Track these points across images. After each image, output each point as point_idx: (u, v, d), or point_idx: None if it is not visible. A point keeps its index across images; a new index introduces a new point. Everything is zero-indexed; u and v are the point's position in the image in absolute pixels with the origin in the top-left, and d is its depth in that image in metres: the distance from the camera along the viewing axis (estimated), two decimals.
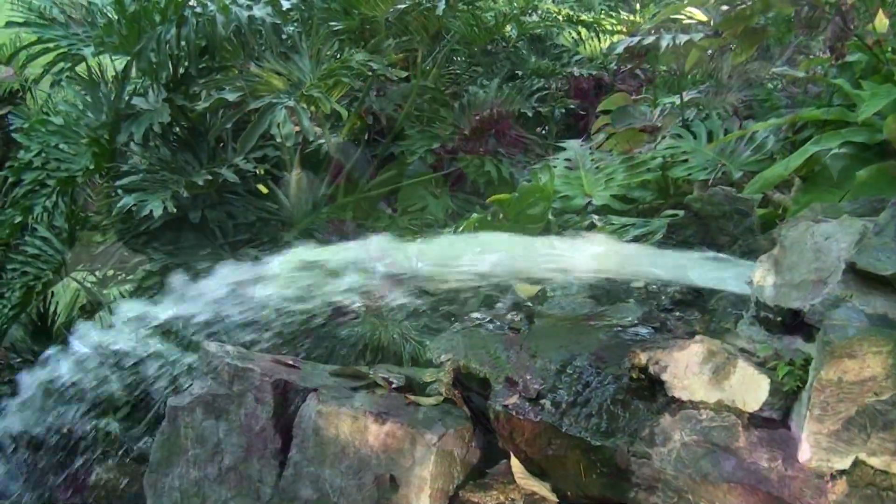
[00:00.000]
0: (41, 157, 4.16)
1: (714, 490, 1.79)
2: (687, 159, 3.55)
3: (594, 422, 1.95)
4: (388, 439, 1.98)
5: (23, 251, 4.36)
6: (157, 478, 2.41)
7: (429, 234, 3.65)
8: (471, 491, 2.05)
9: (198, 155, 3.96)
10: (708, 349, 1.88)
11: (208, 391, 2.26)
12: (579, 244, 2.54)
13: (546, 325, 2.36)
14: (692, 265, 2.26)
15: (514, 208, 2.96)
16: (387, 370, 2.37)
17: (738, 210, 2.51)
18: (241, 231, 4.04)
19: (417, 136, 4.78)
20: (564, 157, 3.70)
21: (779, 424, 1.84)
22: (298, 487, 2.11)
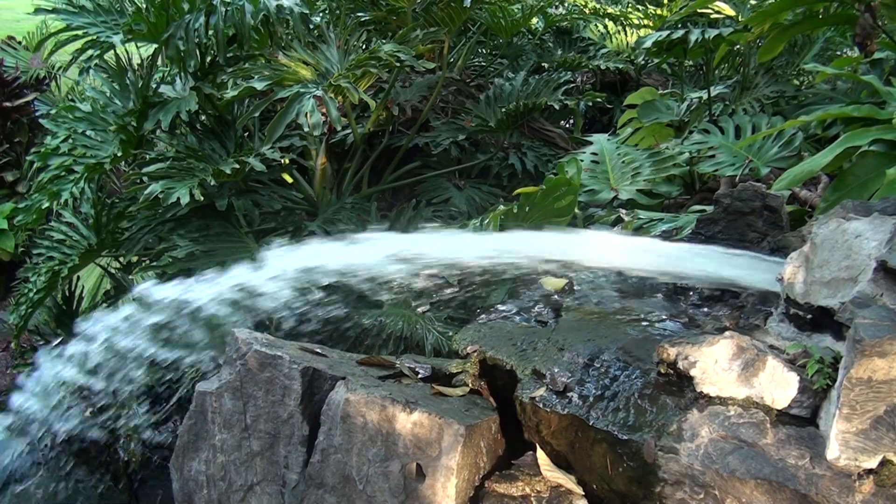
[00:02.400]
0: (68, 144, 4.20)
1: (741, 486, 1.78)
2: (714, 155, 3.54)
3: (621, 416, 1.95)
4: (415, 428, 1.99)
5: (49, 236, 4.41)
6: (183, 461, 2.43)
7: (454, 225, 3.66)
8: (496, 482, 2.06)
9: (225, 143, 3.98)
10: (737, 345, 1.88)
11: (236, 377, 2.28)
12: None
13: (573, 319, 2.36)
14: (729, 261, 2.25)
15: (540, 201, 2.96)
16: (413, 360, 2.38)
17: (768, 206, 2.49)
18: (266, 220, 4.06)
19: (442, 127, 4.80)
20: (591, 150, 3.69)
21: (807, 422, 1.83)
22: (325, 474, 2.12)
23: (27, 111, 6.36)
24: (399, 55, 3.67)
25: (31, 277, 4.34)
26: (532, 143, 4.80)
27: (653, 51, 4.22)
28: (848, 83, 4.04)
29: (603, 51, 5.44)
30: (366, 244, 2.66)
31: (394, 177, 4.72)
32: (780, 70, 4.64)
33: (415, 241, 2.72)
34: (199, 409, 2.36)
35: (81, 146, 4.13)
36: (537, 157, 4.68)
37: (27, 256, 5.31)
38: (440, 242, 2.72)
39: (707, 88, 4.12)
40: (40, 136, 6.08)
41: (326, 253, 2.65)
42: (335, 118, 3.56)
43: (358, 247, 2.62)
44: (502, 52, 5.58)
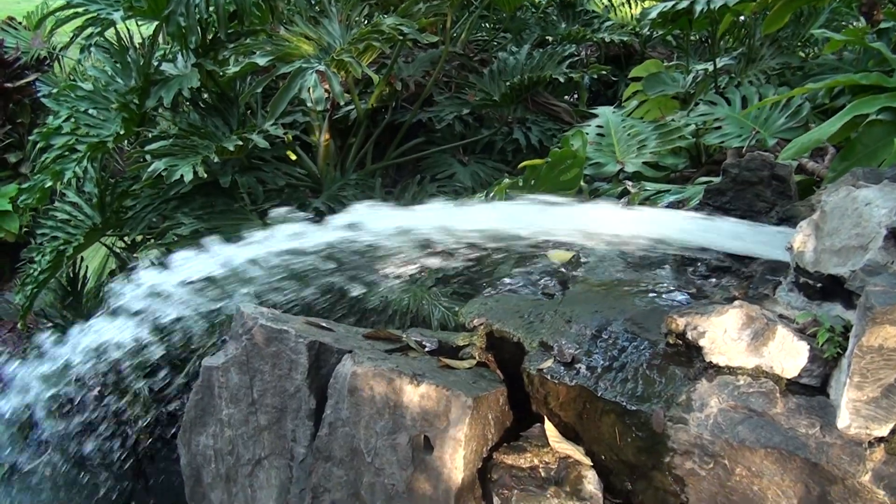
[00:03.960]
0: (70, 123, 4.18)
1: (751, 456, 1.78)
2: (720, 126, 3.50)
3: (630, 386, 1.95)
4: (423, 401, 1.98)
5: (53, 216, 4.40)
6: (191, 436, 2.43)
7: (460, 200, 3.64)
8: (505, 453, 2.05)
9: (227, 120, 3.96)
10: (747, 314, 1.86)
11: (243, 352, 2.27)
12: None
13: (580, 291, 2.34)
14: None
15: (545, 174, 2.94)
16: (420, 333, 2.37)
17: (776, 176, 2.47)
18: (270, 197, 4.04)
19: (446, 102, 4.76)
20: (596, 123, 3.66)
21: (817, 391, 1.82)
22: (333, 447, 2.12)
23: (29, 92, 6.33)
24: (402, 28, 3.64)
25: (35, 258, 4.34)
26: (536, 117, 4.77)
27: (658, 22, 4.16)
28: (854, 54, 3.99)
29: (607, 23, 5.39)
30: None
31: (397, 153, 4.70)
32: (785, 42, 4.59)
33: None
34: (206, 384, 2.36)
35: (84, 125, 4.11)
36: (542, 132, 4.65)
37: (31, 237, 5.31)
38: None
39: (713, 60, 4.07)
40: (42, 117, 6.06)
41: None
42: (338, 93, 3.53)
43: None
44: (506, 25, 5.54)
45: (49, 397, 3.73)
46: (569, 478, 1.99)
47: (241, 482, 2.35)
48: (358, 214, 2.59)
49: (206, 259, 2.72)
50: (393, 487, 2.04)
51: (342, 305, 3.33)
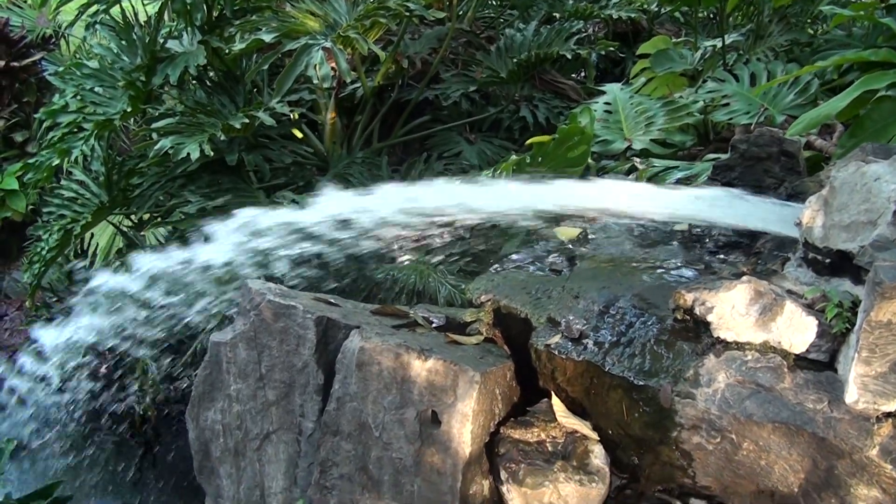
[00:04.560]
0: (77, 101, 4.18)
1: (758, 430, 1.78)
2: (728, 103, 3.49)
3: (637, 362, 1.95)
4: (430, 375, 1.98)
5: (60, 195, 4.40)
6: (199, 411, 2.44)
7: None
8: (512, 428, 2.06)
9: (234, 98, 3.95)
10: (755, 290, 1.86)
11: (250, 327, 2.27)
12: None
13: (588, 267, 2.34)
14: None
15: (553, 151, 2.93)
16: (427, 310, 2.37)
17: (785, 152, 2.46)
18: (277, 175, 4.04)
19: (452, 80, 4.74)
20: (604, 100, 3.64)
21: (825, 367, 1.82)
22: (341, 422, 2.12)
23: (34, 71, 6.32)
24: (408, 4, 3.62)
25: (43, 236, 4.35)
26: (543, 95, 4.75)
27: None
28: (864, 30, 3.96)
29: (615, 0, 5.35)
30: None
31: (404, 131, 4.68)
32: (794, 18, 4.56)
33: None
34: (214, 360, 2.37)
35: (91, 103, 4.11)
36: (549, 110, 4.63)
37: (38, 216, 5.32)
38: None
39: (721, 36, 4.05)
40: (48, 96, 6.05)
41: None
42: (344, 70, 3.51)
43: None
44: (512, 2, 5.49)
45: (60, 371, 3.75)
46: (576, 452, 2.00)
47: (250, 456, 2.37)
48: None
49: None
50: (401, 461, 2.05)
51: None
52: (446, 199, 2.59)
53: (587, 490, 1.94)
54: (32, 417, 4.00)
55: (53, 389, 3.83)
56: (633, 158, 3.09)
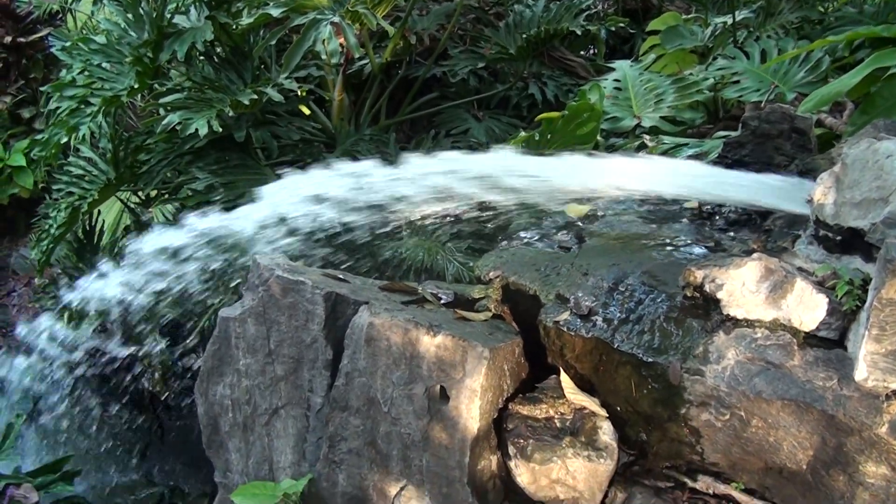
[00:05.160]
0: (84, 76, 4.16)
1: (767, 407, 1.78)
2: (739, 80, 3.47)
3: (646, 339, 1.94)
4: (439, 351, 1.99)
5: (68, 172, 4.40)
6: (208, 386, 2.45)
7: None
8: (520, 404, 2.06)
9: (241, 74, 3.93)
10: (765, 267, 1.85)
11: (259, 303, 2.28)
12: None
13: (597, 244, 2.34)
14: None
15: (562, 128, 2.91)
16: (435, 286, 2.37)
17: (796, 129, 2.45)
18: (285, 152, 4.03)
19: (461, 56, 4.72)
20: (613, 77, 3.62)
21: (834, 344, 1.82)
22: (349, 397, 2.13)
23: (41, 47, 6.30)
24: None
25: (51, 213, 4.35)
26: (552, 72, 4.71)
27: None
28: (875, 6, 3.93)
29: None
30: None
31: (412, 108, 4.66)
32: None
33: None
34: (223, 335, 2.37)
35: (98, 78, 4.09)
36: (558, 87, 4.60)
37: (46, 193, 5.33)
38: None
39: (731, 13, 4.01)
40: (55, 72, 6.04)
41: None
42: (353, 45, 3.49)
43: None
44: None
45: (70, 347, 3.76)
46: (584, 428, 2.00)
47: (258, 431, 2.38)
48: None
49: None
50: (409, 437, 2.06)
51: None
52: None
53: (595, 466, 1.95)
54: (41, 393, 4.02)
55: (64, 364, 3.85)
56: (644, 135, 3.08)
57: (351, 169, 2.57)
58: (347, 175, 2.55)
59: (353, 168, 2.58)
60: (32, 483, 3.18)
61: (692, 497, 1.96)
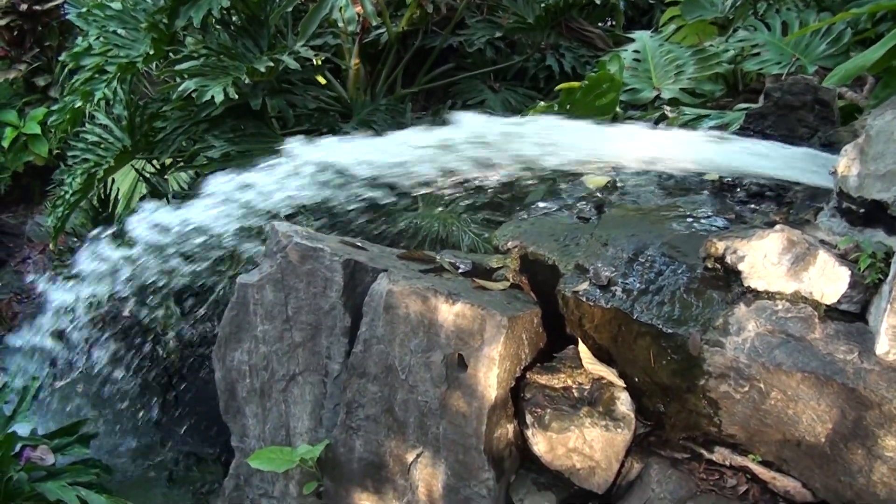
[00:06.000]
0: (100, 43, 4.15)
1: (787, 380, 1.77)
2: (759, 53, 3.42)
3: (666, 310, 1.94)
4: (457, 319, 1.98)
5: (84, 139, 4.40)
6: (226, 352, 2.46)
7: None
8: (538, 373, 2.06)
9: (258, 41, 3.91)
10: (788, 239, 1.84)
11: (277, 269, 2.28)
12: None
13: (616, 215, 2.32)
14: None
15: (581, 98, 2.89)
16: (453, 255, 2.36)
17: (819, 100, 2.42)
18: (300, 121, 4.01)
19: (478, 26, 4.68)
20: (633, 48, 3.58)
21: (855, 318, 1.81)
22: (367, 364, 2.14)
23: (56, 14, 6.28)
24: None
25: (66, 179, 4.35)
26: (570, 43, 4.67)
27: None
28: None
29: None
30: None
31: (428, 78, 4.63)
32: None
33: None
34: (241, 301, 2.38)
35: (113, 45, 4.08)
36: (575, 59, 4.56)
37: (61, 161, 5.33)
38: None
39: None
40: (70, 40, 6.02)
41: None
42: (370, 12, 3.46)
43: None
44: None
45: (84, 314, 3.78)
46: (602, 398, 2.00)
47: (276, 397, 2.39)
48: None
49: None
50: (426, 404, 2.06)
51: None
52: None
53: (612, 435, 1.95)
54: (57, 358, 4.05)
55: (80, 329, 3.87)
56: (664, 107, 3.05)
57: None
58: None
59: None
60: (49, 445, 3.21)
61: (708, 468, 1.96)
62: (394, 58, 4.45)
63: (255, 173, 2.89)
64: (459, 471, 2.06)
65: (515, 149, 2.41)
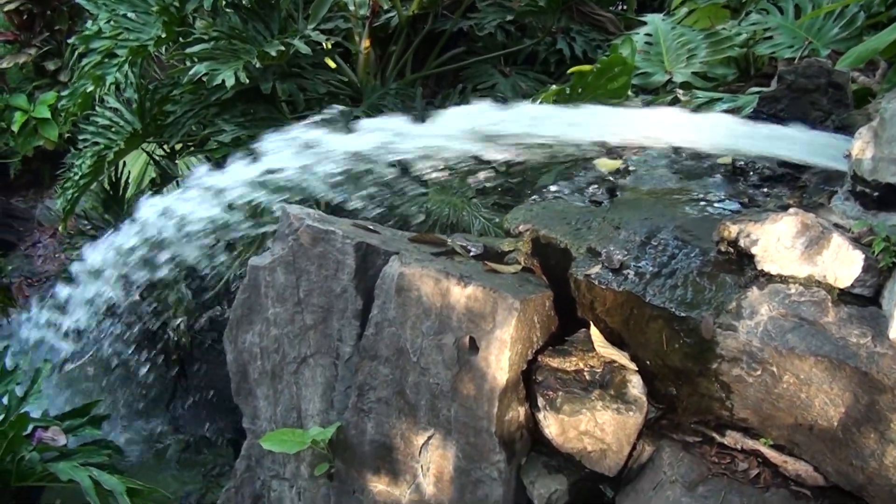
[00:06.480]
0: (110, 27, 4.15)
1: (800, 363, 1.77)
2: (772, 36, 3.40)
3: (679, 293, 1.93)
4: (469, 302, 1.98)
5: (94, 122, 4.41)
6: (237, 334, 2.46)
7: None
8: (550, 356, 2.06)
9: (268, 25, 3.90)
10: (802, 222, 1.83)
11: (289, 252, 2.28)
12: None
13: (629, 199, 2.32)
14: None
15: (593, 82, 2.88)
16: (465, 238, 2.36)
17: (833, 83, 2.40)
18: (310, 105, 4.01)
19: (488, 9, 4.66)
20: (645, 31, 3.56)
21: (869, 302, 1.80)
22: (379, 347, 2.14)
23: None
24: None
25: (76, 162, 4.37)
26: (581, 27, 4.65)
27: None
28: None
29: None
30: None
31: (438, 62, 4.62)
32: None
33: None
34: (253, 284, 2.38)
35: (124, 29, 4.08)
36: (586, 42, 4.54)
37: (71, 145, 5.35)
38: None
39: None
40: (80, 23, 6.02)
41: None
42: None
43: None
44: None
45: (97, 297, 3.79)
46: (613, 382, 2.00)
47: (287, 379, 2.39)
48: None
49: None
50: (438, 387, 2.07)
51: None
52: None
53: (624, 419, 1.95)
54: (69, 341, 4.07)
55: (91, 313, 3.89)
56: (677, 90, 3.03)
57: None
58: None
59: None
60: (60, 426, 3.23)
61: (720, 452, 1.96)
62: (404, 41, 4.44)
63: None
64: (470, 453, 2.07)
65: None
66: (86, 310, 3.88)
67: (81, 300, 3.83)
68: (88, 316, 3.91)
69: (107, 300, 3.85)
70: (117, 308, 3.96)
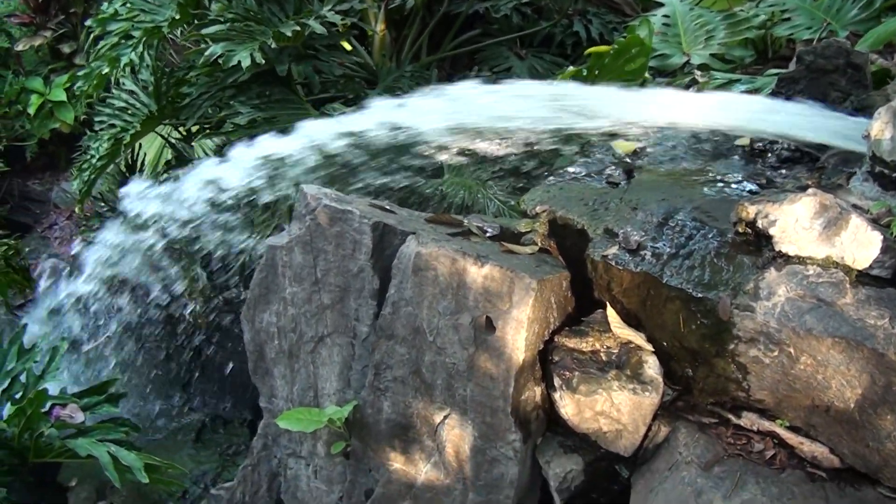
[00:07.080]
0: (126, 8, 4.15)
1: (817, 344, 1.76)
2: (790, 17, 3.38)
3: (696, 274, 1.93)
4: (486, 282, 1.99)
5: (110, 104, 4.42)
6: (255, 314, 2.48)
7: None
8: (566, 337, 2.07)
9: (284, 6, 3.90)
10: (820, 203, 1.82)
11: (306, 232, 2.29)
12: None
13: (646, 180, 2.31)
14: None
15: (610, 63, 2.86)
16: (481, 219, 2.36)
17: (852, 64, 2.38)
18: (326, 87, 4.01)
19: None
20: (662, 13, 3.54)
21: (887, 283, 1.79)
22: (395, 326, 2.15)
23: None
24: None
25: (93, 145, 4.38)
26: (598, 9, 4.63)
27: None
28: None
29: None
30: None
31: (453, 45, 4.61)
32: None
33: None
34: (270, 263, 2.39)
35: (139, 10, 4.08)
36: (603, 25, 4.52)
37: (87, 128, 5.36)
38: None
39: None
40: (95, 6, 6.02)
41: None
42: None
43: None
44: None
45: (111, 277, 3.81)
46: (630, 362, 2.00)
47: (304, 358, 2.41)
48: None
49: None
50: (454, 366, 2.08)
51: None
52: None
53: (640, 399, 1.95)
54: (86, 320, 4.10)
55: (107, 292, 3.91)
56: (695, 72, 3.02)
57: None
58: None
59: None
60: (78, 404, 3.26)
61: (736, 433, 1.96)
62: (419, 23, 4.43)
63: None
64: (486, 432, 2.08)
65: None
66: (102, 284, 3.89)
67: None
68: (104, 293, 3.93)
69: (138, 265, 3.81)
70: (137, 289, 3.98)
